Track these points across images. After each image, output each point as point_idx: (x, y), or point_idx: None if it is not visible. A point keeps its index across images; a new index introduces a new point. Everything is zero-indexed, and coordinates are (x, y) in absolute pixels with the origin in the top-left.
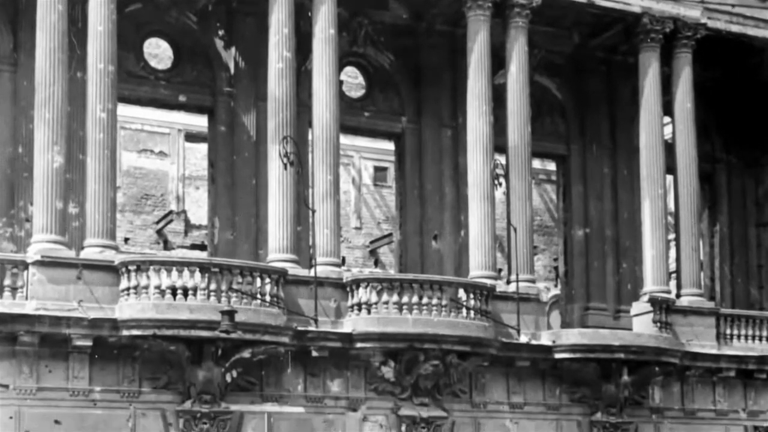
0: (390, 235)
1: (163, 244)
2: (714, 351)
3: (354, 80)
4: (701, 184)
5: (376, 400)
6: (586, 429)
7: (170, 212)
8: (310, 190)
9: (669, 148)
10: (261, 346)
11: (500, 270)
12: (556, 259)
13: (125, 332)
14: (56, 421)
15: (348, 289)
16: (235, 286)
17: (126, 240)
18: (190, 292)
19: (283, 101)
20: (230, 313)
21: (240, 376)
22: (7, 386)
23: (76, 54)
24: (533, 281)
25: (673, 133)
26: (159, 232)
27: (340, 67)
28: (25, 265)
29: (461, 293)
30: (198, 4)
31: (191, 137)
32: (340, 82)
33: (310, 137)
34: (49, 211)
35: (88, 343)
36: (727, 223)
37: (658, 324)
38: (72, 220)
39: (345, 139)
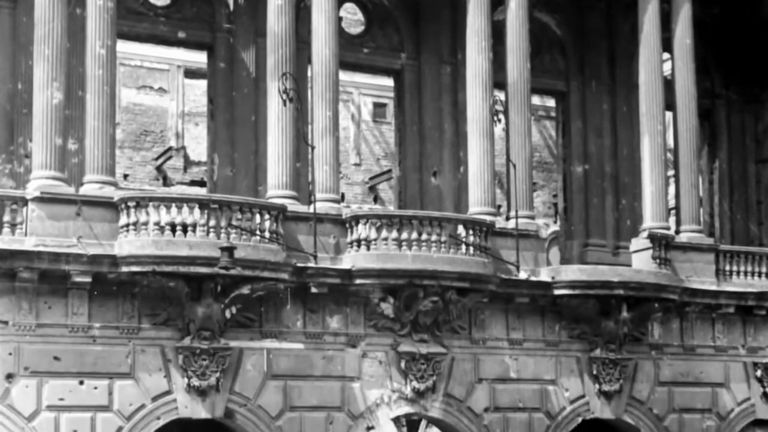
0: (389, 171)
1: (162, 180)
2: (713, 287)
3: (353, 17)
4: (700, 120)
5: (376, 337)
6: (585, 365)
7: (169, 149)
8: (310, 127)
9: (668, 85)
10: (260, 282)
11: (499, 206)
12: (555, 196)
13: (124, 268)
14: (55, 357)
15: (347, 225)
16: (234, 223)
17: (125, 176)
18: (190, 228)
19: (283, 38)
20: (229, 250)
21: (239, 312)
22: (6, 322)
23: None
24: (532, 217)
25: (673, 69)
26: (158, 168)
27: (340, 3)
28: (24, 202)
29: (460, 229)
30: None
31: (190, 74)
32: (340, 19)
33: (309, 74)
34: (49, 148)
35: (88, 279)
36: (727, 159)
37: (658, 260)
38: (71, 157)
39: (344, 76)
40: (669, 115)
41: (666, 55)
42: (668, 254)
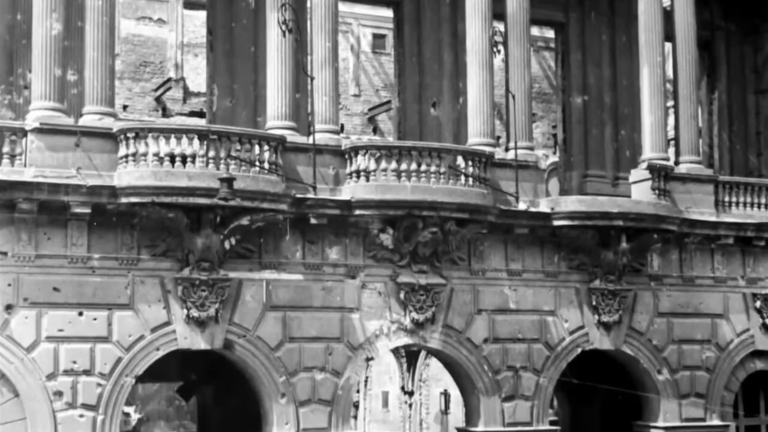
0: (388, 102)
1: (161, 111)
2: (712, 218)
3: None
4: (700, 51)
5: (375, 268)
6: (585, 296)
7: (169, 79)
8: (309, 58)
9: (667, 16)
10: (259, 213)
11: (499, 137)
12: (554, 127)
13: (124, 199)
14: (55, 288)
15: (346, 156)
16: (233, 154)
17: (124, 107)
18: (189, 159)
19: None
20: (229, 181)
21: (238, 243)
22: (5, 253)
23: None
24: (532, 148)
25: (672, 0)
26: (158, 99)
27: None
28: (23, 133)
29: (460, 160)
30: None
31: (190, 4)
32: None
33: (308, 4)
34: (48, 79)
35: (87, 210)
36: (726, 90)
37: (657, 191)
38: (70, 88)
39: (343, 6)
40: (668, 46)
41: None
42: (667, 185)
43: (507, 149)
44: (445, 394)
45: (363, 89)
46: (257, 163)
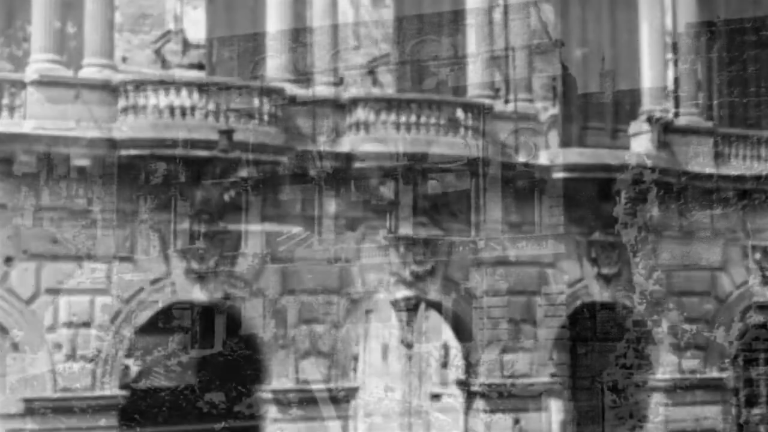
0: (388, 55)
1: (160, 63)
2: (712, 171)
3: None
4: (699, 3)
5: (374, 220)
6: (584, 249)
7: (168, 32)
8: (309, 10)
9: None
10: (259, 165)
11: (498, 90)
12: (554, 79)
13: (123, 152)
14: (54, 241)
15: (346, 108)
16: (233, 106)
17: (124, 59)
18: (189, 111)
19: None
20: (228, 133)
21: (238, 195)
22: (5, 206)
23: None
24: (531, 101)
25: None
26: (157, 51)
27: None
28: (23, 85)
29: (459, 113)
30: None
31: None
32: None
33: None
34: (47, 31)
35: (86, 162)
36: (726, 43)
37: (656, 143)
38: (70, 40)
39: None
40: None
41: None
42: (667, 137)
43: (506, 101)
44: (445, 347)
45: (363, 42)
46: (257, 116)
